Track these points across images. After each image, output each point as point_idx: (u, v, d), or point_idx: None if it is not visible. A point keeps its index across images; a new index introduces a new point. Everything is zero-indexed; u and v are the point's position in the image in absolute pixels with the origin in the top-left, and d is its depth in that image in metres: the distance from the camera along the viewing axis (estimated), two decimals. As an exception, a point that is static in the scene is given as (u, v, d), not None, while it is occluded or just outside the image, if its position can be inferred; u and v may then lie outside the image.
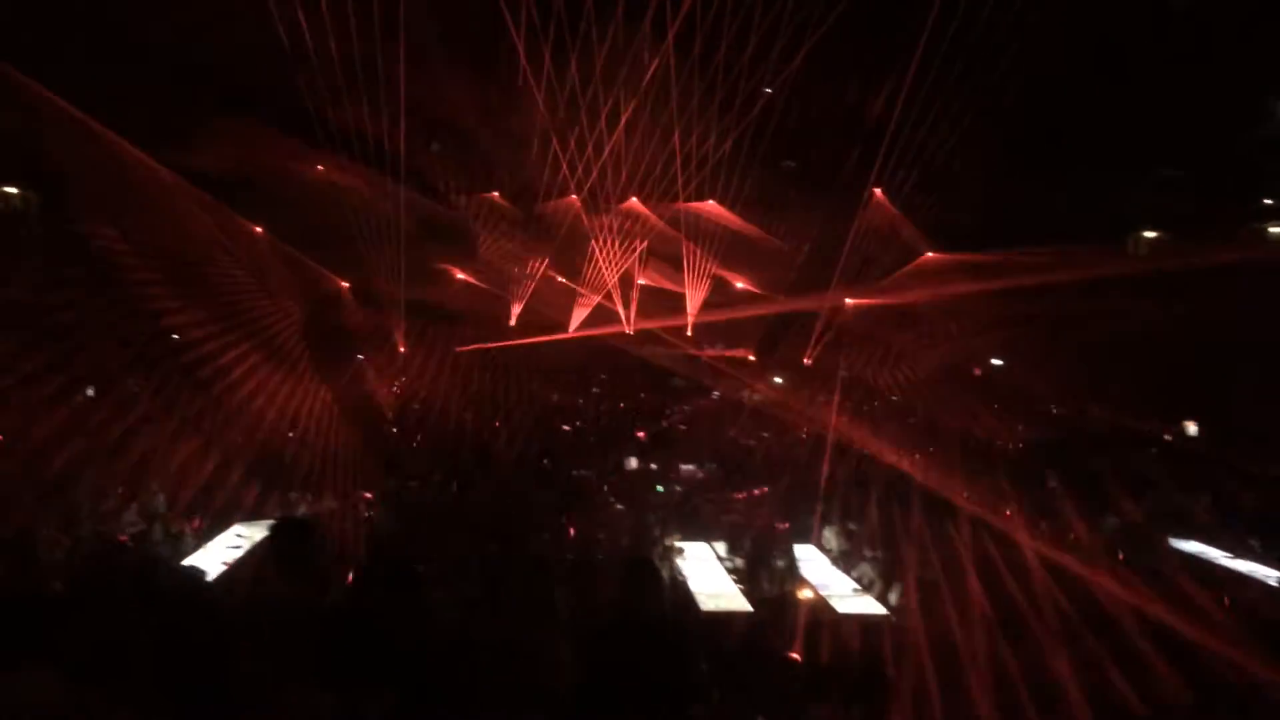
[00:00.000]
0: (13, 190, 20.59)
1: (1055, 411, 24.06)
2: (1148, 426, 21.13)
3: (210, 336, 20.49)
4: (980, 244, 21.79)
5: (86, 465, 12.46)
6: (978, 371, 28.11)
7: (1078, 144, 17.79)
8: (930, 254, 24.40)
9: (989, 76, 14.94)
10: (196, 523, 11.20)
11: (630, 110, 17.62)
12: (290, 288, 23.76)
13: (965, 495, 13.59)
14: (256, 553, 9.04)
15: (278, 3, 14.12)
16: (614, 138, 18.49)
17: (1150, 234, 23.91)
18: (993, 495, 13.84)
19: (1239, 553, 11.37)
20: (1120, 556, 11.19)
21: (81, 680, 3.15)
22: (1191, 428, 21.43)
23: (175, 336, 21.29)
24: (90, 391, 20.57)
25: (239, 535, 10.51)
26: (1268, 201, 21.18)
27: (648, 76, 16.63)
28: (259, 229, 23.46)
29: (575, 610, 4.05)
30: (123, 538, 9.79)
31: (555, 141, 19.24)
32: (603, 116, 17.84)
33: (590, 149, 19.02)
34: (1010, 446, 20.75)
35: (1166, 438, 21.23)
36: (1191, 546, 11.79)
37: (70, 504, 10.69)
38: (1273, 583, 10.17)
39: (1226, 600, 9.23)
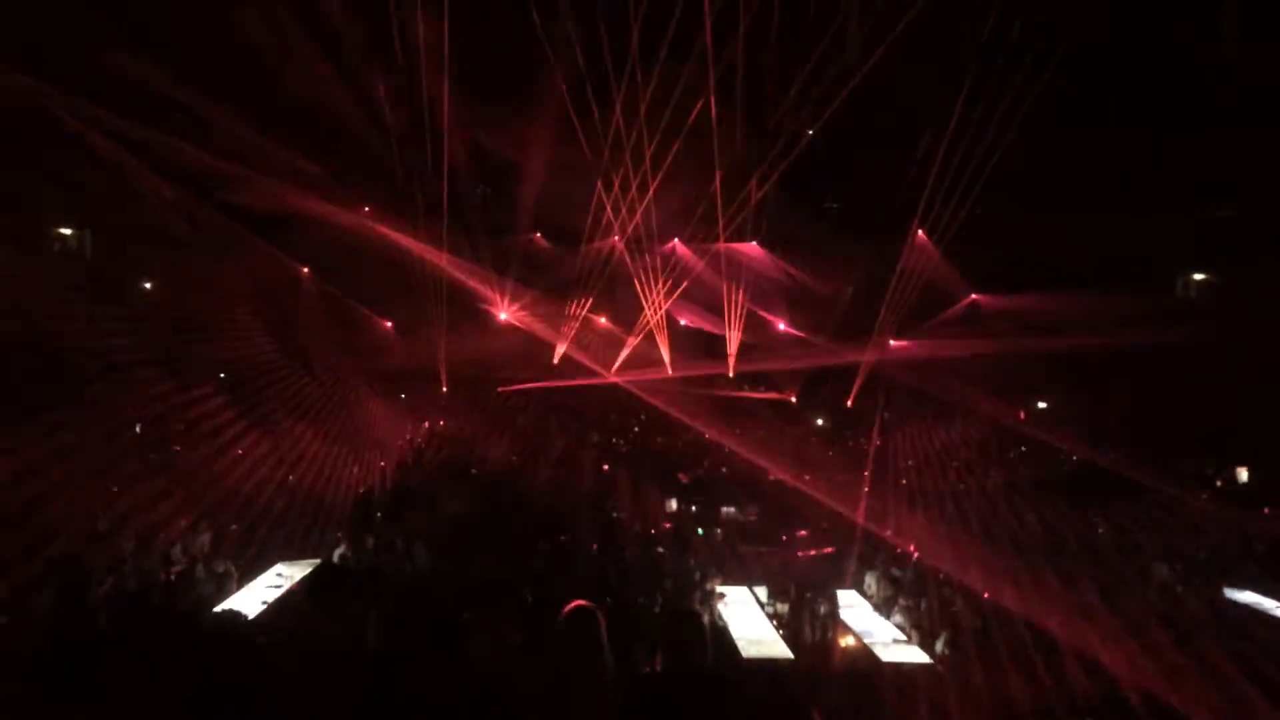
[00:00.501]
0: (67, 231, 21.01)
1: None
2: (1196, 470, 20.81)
3: (254, 378, 20.78)
4: (1024, 285, 21.62)
5: (134, 505, 12.63)
6: (1022, 415, 27.78)
7: (1125, 184, 17.58)
8: (975, 296, 24.23)
9: (1034, 116, 14.85)
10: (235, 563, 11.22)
11: (673, 151, 17.69)
12: (333, 329, 24.00)
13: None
14: (295, 595, 9.05)
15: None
16: (656, 179, 18.57)
17: (1199, 275, 23.59)
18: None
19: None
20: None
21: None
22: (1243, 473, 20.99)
23: (223, 376, 21.61)
24: (138, 429, 20.91)
25: (279, 575, 10.54)
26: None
27: (690, 118, 16.68)
28: (305, 270, 23.85)
29: (619, 660, 3.95)
30: (163, 576, 9.85)
31: (599, 183, 19.36)
32: (646, 157, 17.93)
33: (634, 190, 19.12)
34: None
35: (1218, 483, 20.80)
36: (1246, 596, 11.49)
37: (116, 544, 10.78)
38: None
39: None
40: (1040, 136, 15.51)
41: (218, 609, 7.49)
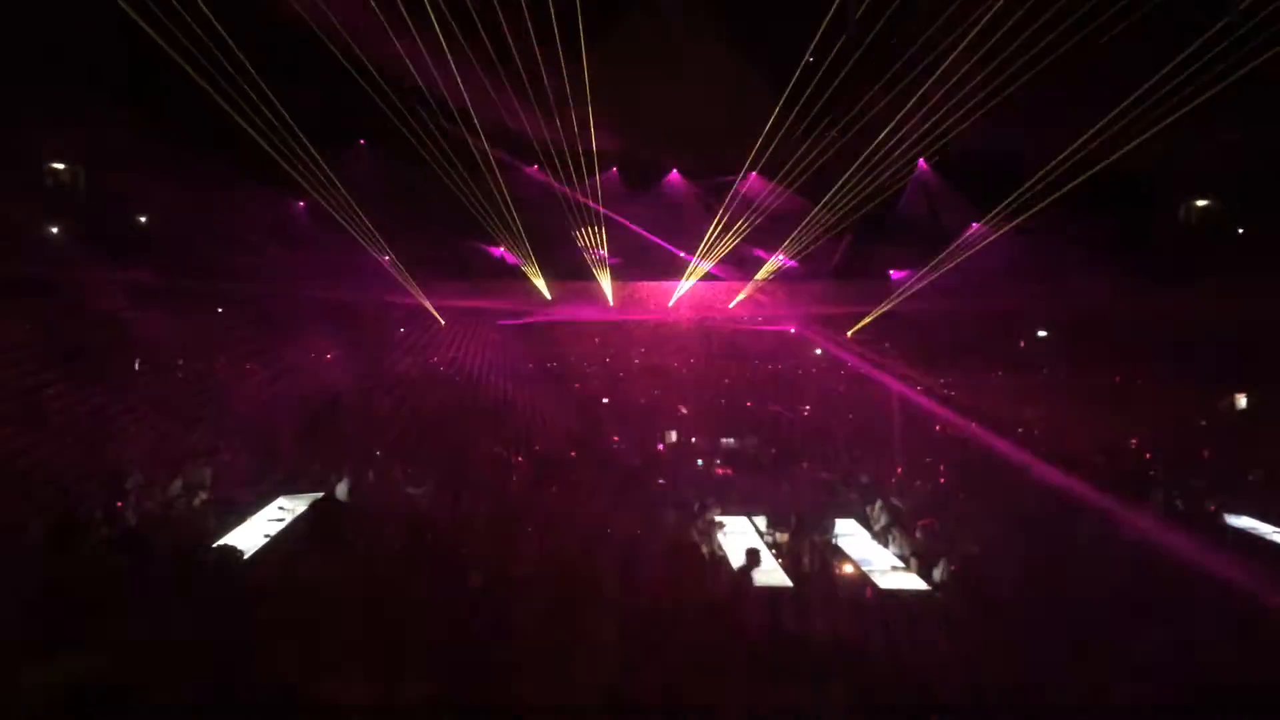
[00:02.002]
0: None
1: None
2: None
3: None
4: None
5: (136, 439, 12.64)
6: (1021, 344, 27.80)
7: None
8: (976, 225, 24.02)
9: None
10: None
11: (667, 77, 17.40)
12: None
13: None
14: (295, 530, 9.05)
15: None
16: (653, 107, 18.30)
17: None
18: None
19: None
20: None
21: (119, 660, 3.12)
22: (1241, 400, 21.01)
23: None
24: (137, 367, 20.91)
25: (281, 508, 10.56)
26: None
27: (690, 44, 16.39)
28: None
29: (620, 592, 3.94)
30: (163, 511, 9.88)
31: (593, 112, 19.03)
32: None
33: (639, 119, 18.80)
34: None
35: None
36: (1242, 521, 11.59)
37: (117, 478, 10.79)
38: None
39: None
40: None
41: (217, 544, 7.50)
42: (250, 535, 9.35)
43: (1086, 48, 14.53)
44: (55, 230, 20.74)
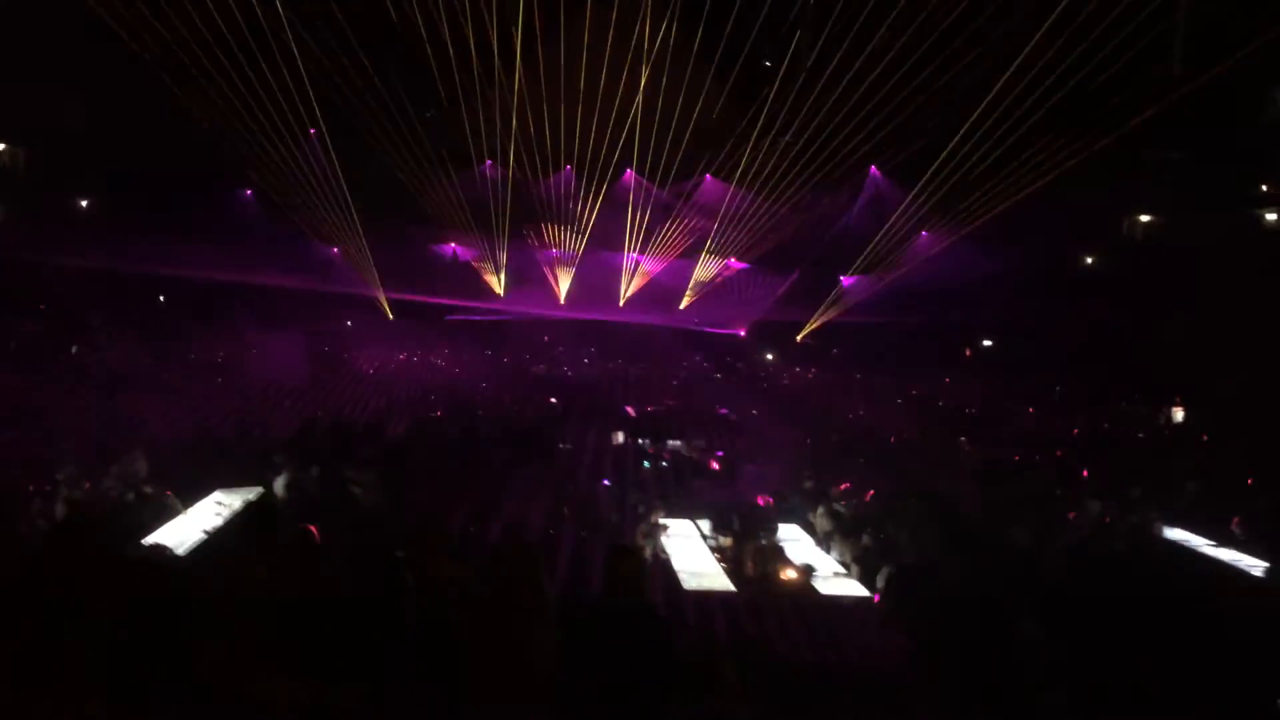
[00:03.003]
0: None
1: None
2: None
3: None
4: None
5: (68, 429, 12.30)
6: (967, 353, 28.18)
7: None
8: (925, 232, 24.30)
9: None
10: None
11: (626, 77, 17.41)
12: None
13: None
14: (230, 528, 8.86)
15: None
16: (613, 110, 18.30)
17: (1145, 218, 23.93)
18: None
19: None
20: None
21: (43, 664, 3.02)
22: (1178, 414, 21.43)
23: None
24: (74, 350, 20.41)
25: (219, 503, 10.32)
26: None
27: (647, 46, 16.40)
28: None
29: (563, 594, 3.89)
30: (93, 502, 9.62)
31: (549, 109, 19.01)
32: (601, 85, 17.65)
33: (594, 119, 18.83)
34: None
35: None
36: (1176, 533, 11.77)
37: (47, 470, 10.48)
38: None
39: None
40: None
41: (147, 540, 7.31)
42: (184, 531, 9.13)
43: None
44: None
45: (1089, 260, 24.82)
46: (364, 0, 14.97)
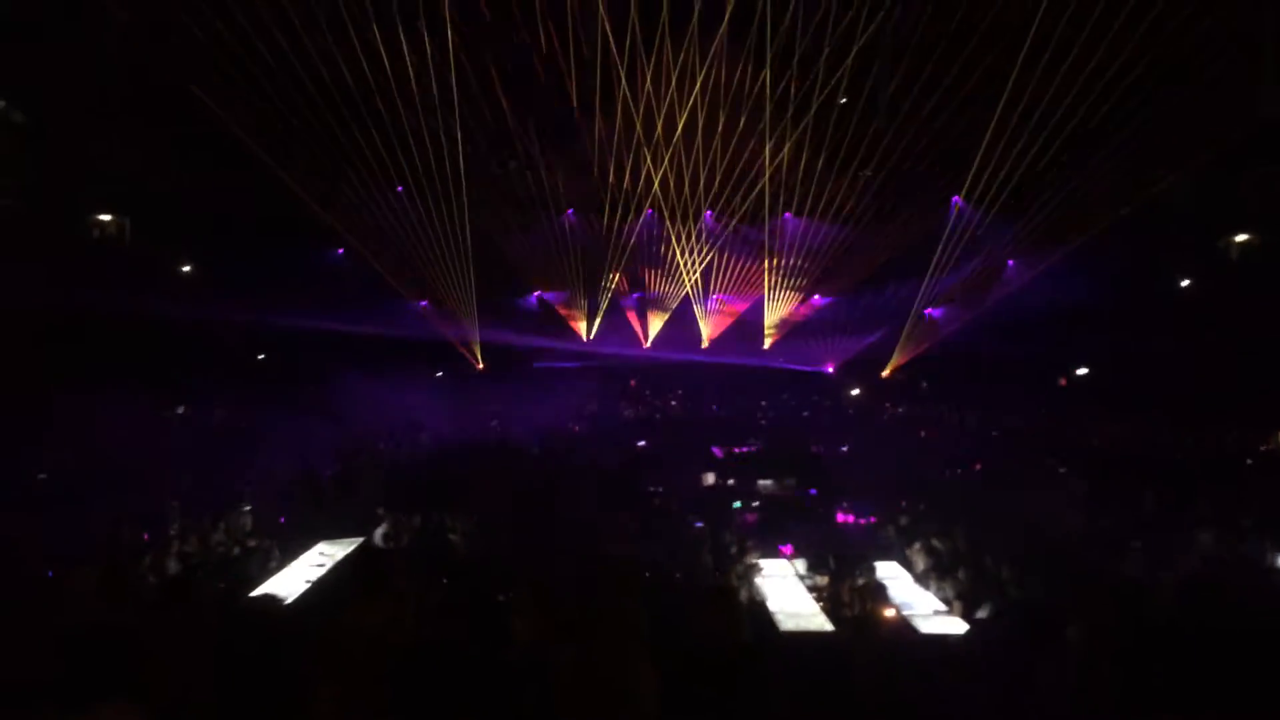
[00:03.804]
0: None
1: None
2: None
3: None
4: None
5: (178, 485, 12.75)
6: (1063, 382, 27.49)
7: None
8: (1012, 261, 23.88)
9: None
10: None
11: (702, 119, 17.55)
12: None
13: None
14: (336, 576, 9.09)
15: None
16: (691, 148, 18.45)
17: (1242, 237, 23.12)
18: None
19: None
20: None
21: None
22: None
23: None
24: (180, 410, 21.17)
25: (322, 554, 10.59)
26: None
27: (723, 85, 16.53)
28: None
29: (658, 639, 3.90)
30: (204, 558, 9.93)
31: (628, 154, 19.23)
32: (677, 126, 17.82)
33: (665, 160, 19.01)
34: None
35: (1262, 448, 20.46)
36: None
37: (159, 527, 10.89)
38: None
39: None
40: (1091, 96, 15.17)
41: (256, 592, 7.53)
42: (291, 581, 9.39)
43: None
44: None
45: (1185, 283, 24.02)
46: (436, 53, 15.34)
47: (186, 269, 22.79)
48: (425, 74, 15.83)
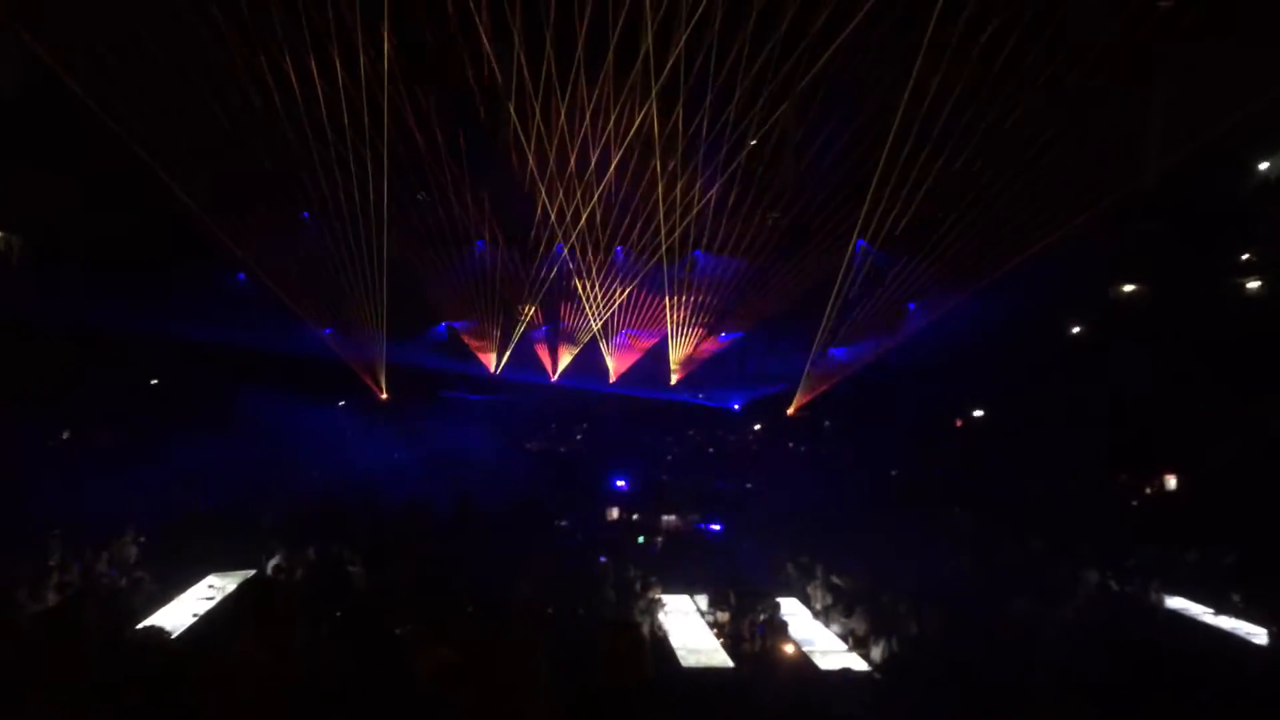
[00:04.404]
0: None
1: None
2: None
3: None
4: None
5: (59, 515, 12.21)
6: (959, 423, 28.23)
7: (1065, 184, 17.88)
8: (912, 304, 24.50)
9: (974, 126, 15.07)
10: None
11: (617, 159, 17.68)
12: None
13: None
14: (225, 608, 8.80)
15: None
16: (601, 185, 18.56)
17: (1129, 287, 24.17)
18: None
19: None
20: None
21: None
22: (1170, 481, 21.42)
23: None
24: (65, 435, 20.33)
25: (211, 586, 10.26)
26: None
27: (635, 125, 16.69)
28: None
29: (560, 674, 3.87)
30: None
31: (543, 190, 19.25)
32: (591, 164, 17.92)
33: (578, 195, 19.08)
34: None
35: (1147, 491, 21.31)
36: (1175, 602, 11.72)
37: (40, 556, 10.41)
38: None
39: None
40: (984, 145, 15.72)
41: (142, 625, 7.24)
42: (178, 614, 9.06)
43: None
44: None
45: (1076, 329, 25.02)
46: (354, 86, 15.22)
47: (75, 288, 22.00)
48: (337, 102, 15.66)
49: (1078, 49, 13.57)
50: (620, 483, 20.13)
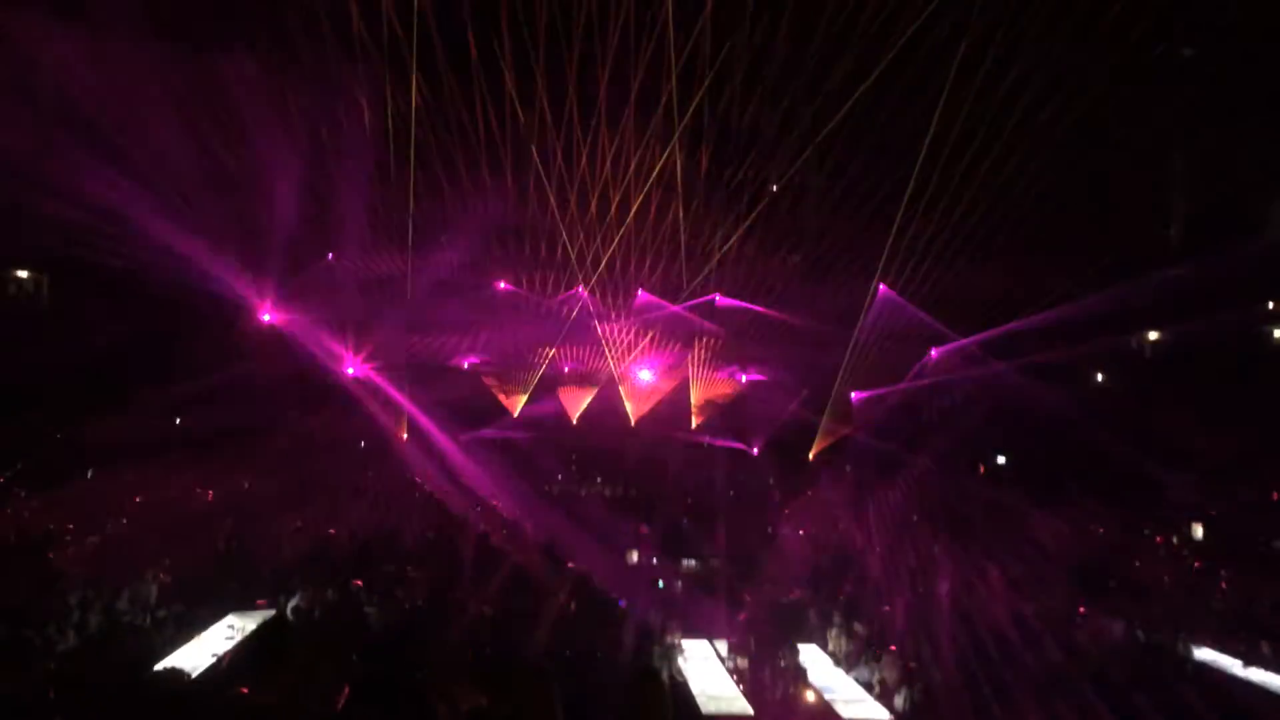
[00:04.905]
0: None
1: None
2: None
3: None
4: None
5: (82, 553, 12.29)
6: (981, 469, 27.99)
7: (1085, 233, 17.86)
8: (934, 350, 24.37)
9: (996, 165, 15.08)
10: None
11: (638, 203, 17.78)
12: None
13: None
14: (243, 652, 8.79)
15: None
16: (623, 229, 18.65)
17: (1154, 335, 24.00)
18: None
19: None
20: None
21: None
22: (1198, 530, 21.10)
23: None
24: (90, 475, 20.46)
25: (231, 626, 10.26)
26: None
27: (656, 169, 16.79)
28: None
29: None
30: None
31: (565, 233, 19.37)
32: (613, 207, 18.02)
33: (599, 241, 19.19)
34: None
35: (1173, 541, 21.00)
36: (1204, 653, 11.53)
37: (61, 595, 10.45)
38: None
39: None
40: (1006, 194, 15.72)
41: (161, 665, 7.23)
42: (198, 655, 9.06)
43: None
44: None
45: (1100, 378, 24.84)
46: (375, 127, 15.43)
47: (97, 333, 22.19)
48: (363, 143, 15.88)
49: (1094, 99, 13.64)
50: (640, 527, 19.94)
